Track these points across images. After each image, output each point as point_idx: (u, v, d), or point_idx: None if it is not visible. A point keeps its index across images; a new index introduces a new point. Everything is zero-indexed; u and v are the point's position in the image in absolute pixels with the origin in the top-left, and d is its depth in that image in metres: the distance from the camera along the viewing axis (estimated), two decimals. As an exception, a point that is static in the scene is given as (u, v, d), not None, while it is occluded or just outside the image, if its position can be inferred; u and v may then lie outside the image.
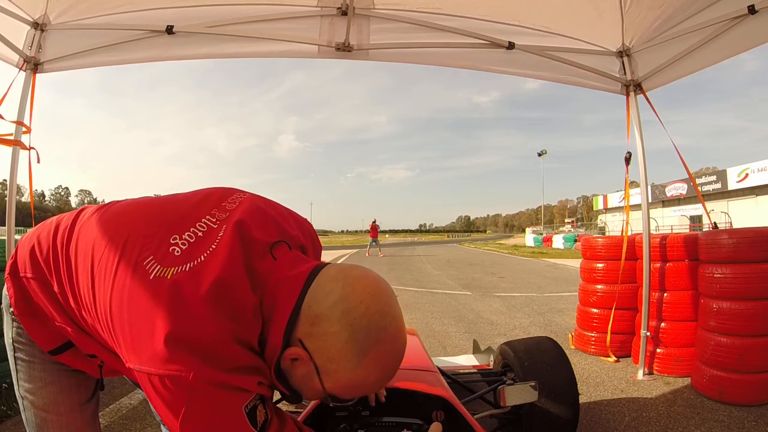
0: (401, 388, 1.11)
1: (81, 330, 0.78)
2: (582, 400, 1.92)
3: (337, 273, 0.68)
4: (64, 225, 0.81)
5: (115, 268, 0.68)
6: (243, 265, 0.67)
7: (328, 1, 2.33)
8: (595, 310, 3.25)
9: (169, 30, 2.29)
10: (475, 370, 2.37)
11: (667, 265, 2.81)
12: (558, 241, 24.52)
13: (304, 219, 0.89)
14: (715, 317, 2.38)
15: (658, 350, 2.76)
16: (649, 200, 2.78)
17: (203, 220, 0.73)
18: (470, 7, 2.44)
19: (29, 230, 0.92)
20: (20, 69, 2.27)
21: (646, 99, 2.66)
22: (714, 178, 24.46)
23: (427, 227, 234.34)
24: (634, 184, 3.15)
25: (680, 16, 2.32)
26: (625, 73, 2.68)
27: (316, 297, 0.65)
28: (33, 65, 2.29)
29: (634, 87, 2.67)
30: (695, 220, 23.23)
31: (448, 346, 3.53)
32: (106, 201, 0.89)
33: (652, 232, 2.90)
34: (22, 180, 2.33)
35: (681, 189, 27.57)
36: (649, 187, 2.95)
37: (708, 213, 3.06)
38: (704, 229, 14.57)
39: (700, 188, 23.85)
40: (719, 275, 2.39)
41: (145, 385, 0.61)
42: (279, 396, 0.74)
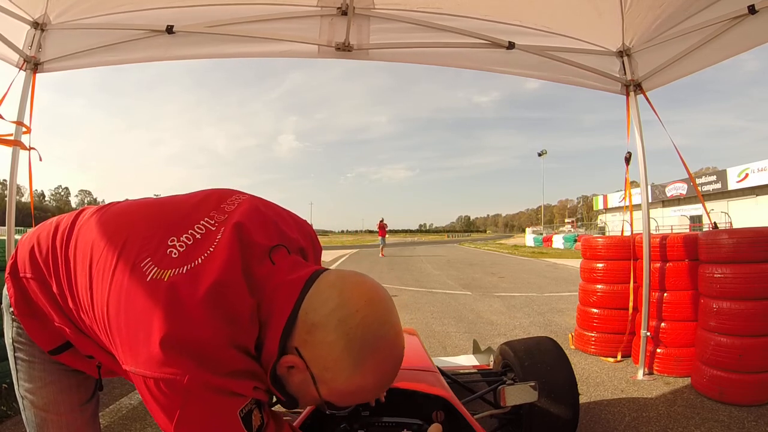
0: (401, 388, 1.11)
1: (79, 331, 0.78)
2: (582, 400, 1.93)
3: (335, 279, 0.68)
4: (63, 225, 0.81)
5: (113, 269, 0.68)
6: (241, 268, 0.66)
7: (328, 1, 2.33)
8: (595, 310, 3.24)
9: (169, 30, 2.28)
10: (475, 370, 2.37)
11: (667, 265, 2.81)
12: (558, 241, 24.52)
13: (304, 221, 0.88)
14: (715, 317, 2.38)
15: (658, 350, 2.76)
16: (649, 200, 2.77)
17: (202, 222, 0.72)
18: (470, 7, 2.43)
19: (29, 230, 0.92)
20: (20, 69, 2.27)
21: (646, 99, 2.66)
22: (714, 178, 24.46)
23: (427, 227, 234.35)
24: (634, 184, 3.14)
25: (680, 16, 2.32)
26: (625, 73, 2.68)
27: (313, 304, 0.64)
28: (33, 65, 2.29)
29: (634, 87, 2.67)
30: (695, 220, 23.23)
31: (448, 346, 3.53)
32: (106, 201, 0.90)
33: (652, 232, 2.89)
34: (22, 180, 2.34)
35: (681, 189, 27.57)
36: (649, 187, 2.95)
37: (708, 213, 3.06)
38: (704, 229, 14.57)
39: (700, 188, 23.85)
40: (719, 275, 2.39)
41: (141, 388, 0.60)
42: (275, 400, 0.74)
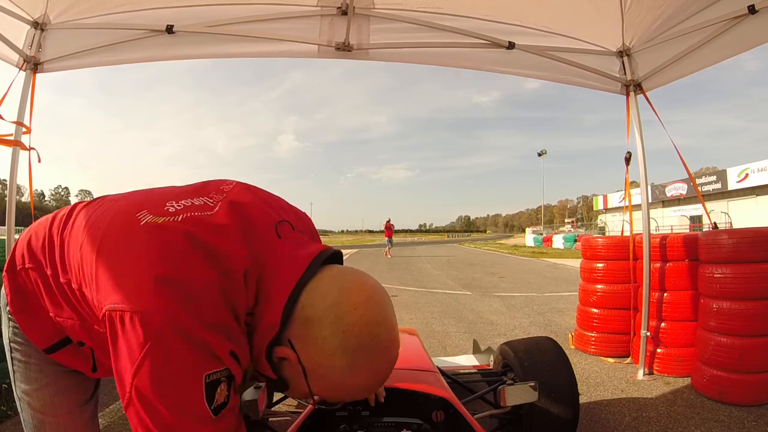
0: (401, 388, 1.11)
1: (72, 311, 0.76)
2: (582, 400, 1.93)
3: (336, 274, 0.67)
4: (61, 214, 0.81)
5: (110, 218, 0.69)
6: (240, 231, 0.66)
7: (328, 1, 2.33)
8: (595, 310, 3.24)
9: (169, 30, 2.28)
10: (475, 370, 2.37)
11: (667, 265, 2.81)
12: (558, 241, 24.50)
13: (304, 213, 0.88)
14: (715, 317, 2.38)
15: (658, 350, 2.76)
16: (649, 200, 2.77)
17: (201, 198, 0.73)
18: (471, 7, 2.43)
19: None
20: (20, 69, 2.27)
21: (646, 99, 2.65)
22: (714, 178, 24.45)
23: (427, 227, 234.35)
24: (634, 184, 3.14)
25: (680, 16, 2.32)
26: (625, 73, 2.68)
27: (312, 298, 0.63)
28: (33, 65, 2.29)
29: (634, 87, 2.66)
30: (695, 220, 23.23)
31: (448, 346, 3.53)
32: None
33: (652, 232, 2.89)
34: (22, 180, 2.33)
35: (681, 189, 27.56)
36: (649, 187, 2.95)
37: (708, 213, 3.06)
38: (704, 229, 14.57)
39: (700, 188, 23.84)
40: (719, 275, 2.39)
41: (113, 330, 0.57)
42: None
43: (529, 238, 32.23)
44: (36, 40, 2.28)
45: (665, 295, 2.79)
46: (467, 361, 2.74)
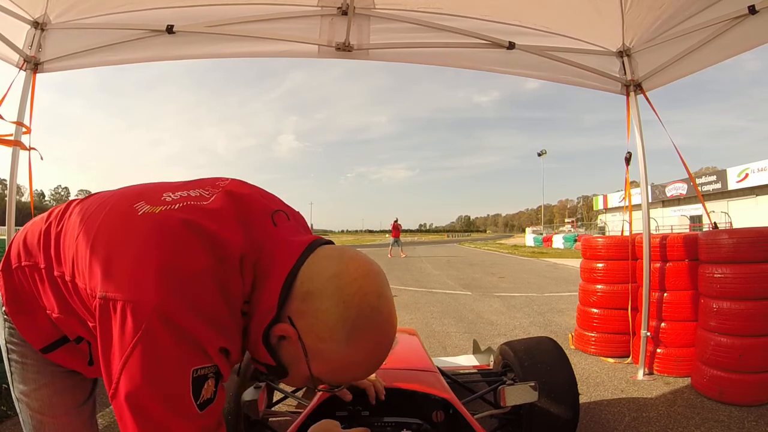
0: (401, 388, 1.11)
1: (65, 301, 0.75)
2: (582, 400, 1.92)
3: (333, 251, 0.68)
4: (57, 210, 0.81)
5: (106, 210, 0.69)
6: (236, 217, 0.67)
7: (329, 1, 2.33)
8: (595, 310, 3.24)
9: (169, 30, 2.28)
10: (475, 371, 2.37)
11: (667, 265, 2.81)
12: (558, 241, 24.52)
13: (298, 212, 0.89)
14: (715, 317, 2.38)
15: (658, 350, 2.76)
16: (649, 200, 2.77)
17: (198, 189, 0.74)
18: (471, 7, 2.43)
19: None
20: (20, 69, 2.26)
21: (646, 99, 2.65)
22: (714, 178, 24.44)
23: (427, 227, 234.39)
24: (634, 184, 3.14)
25: (680, 16, 2.32)
26: (625, 73, 2.68)
27: (310, 274, 0.64)
28: (33, 65, 2.29)
29: (634, 87, 2.66)
30: (695, 220, 23.22)
31: (448, 346, 3.53)
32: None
33: (652, 232, 2.89)
34: (22, 180, 2.33)
35: (681, 189, 27.55)
36: (649, 187, 2.95)
37: (708, 213, 3.06)
38: (704, 229, 14.57)
39: (700, 188, 23.84)
40: (719, 275, 2.39)
41: (104, 318, 0.57)
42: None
43: (529, 238, 32.25)
44: (36, 40, 2.28)
45: (665, 295, 2.79)
46: (467, 361, 2.74)
